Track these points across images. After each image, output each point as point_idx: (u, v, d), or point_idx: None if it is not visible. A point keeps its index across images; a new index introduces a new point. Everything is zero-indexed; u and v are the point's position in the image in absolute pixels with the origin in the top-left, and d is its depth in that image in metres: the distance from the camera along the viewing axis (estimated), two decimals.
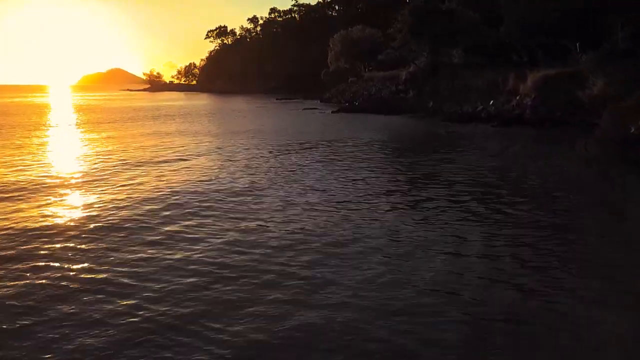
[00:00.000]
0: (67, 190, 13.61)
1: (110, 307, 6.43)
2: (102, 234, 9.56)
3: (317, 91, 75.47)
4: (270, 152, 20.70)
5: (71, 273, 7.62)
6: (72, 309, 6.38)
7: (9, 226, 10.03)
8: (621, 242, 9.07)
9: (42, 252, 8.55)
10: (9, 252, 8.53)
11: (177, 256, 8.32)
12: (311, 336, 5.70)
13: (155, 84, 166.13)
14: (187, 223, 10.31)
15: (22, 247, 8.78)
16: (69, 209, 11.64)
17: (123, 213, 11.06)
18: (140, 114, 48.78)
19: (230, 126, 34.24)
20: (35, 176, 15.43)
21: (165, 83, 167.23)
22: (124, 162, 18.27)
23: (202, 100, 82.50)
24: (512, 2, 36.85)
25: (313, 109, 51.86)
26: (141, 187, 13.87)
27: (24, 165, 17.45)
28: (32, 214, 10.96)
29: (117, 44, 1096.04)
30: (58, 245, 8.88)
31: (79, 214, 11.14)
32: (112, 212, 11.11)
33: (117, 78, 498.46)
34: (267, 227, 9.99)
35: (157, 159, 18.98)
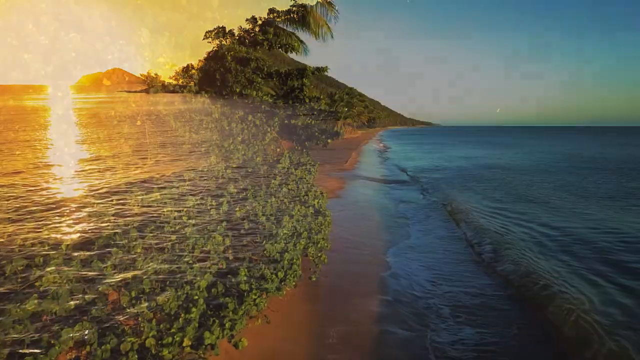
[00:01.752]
0: None
1: None
2: None
3: None
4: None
5: None
6: None
7: None
8: None
9: None
10: None
11: None
12: None
13: (153, 85, 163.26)
14: None
15: None
16: None
17: None
18: (126, 123, 46.26)
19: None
20: None
21: (163, 84, 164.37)
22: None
23: (199, 104, 79.91)
24: None
25: None
26: None
27: None
28: None
29: (117, 44, 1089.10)
30: None
31: None
32: None
33: (116, 78, 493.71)
34: None
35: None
